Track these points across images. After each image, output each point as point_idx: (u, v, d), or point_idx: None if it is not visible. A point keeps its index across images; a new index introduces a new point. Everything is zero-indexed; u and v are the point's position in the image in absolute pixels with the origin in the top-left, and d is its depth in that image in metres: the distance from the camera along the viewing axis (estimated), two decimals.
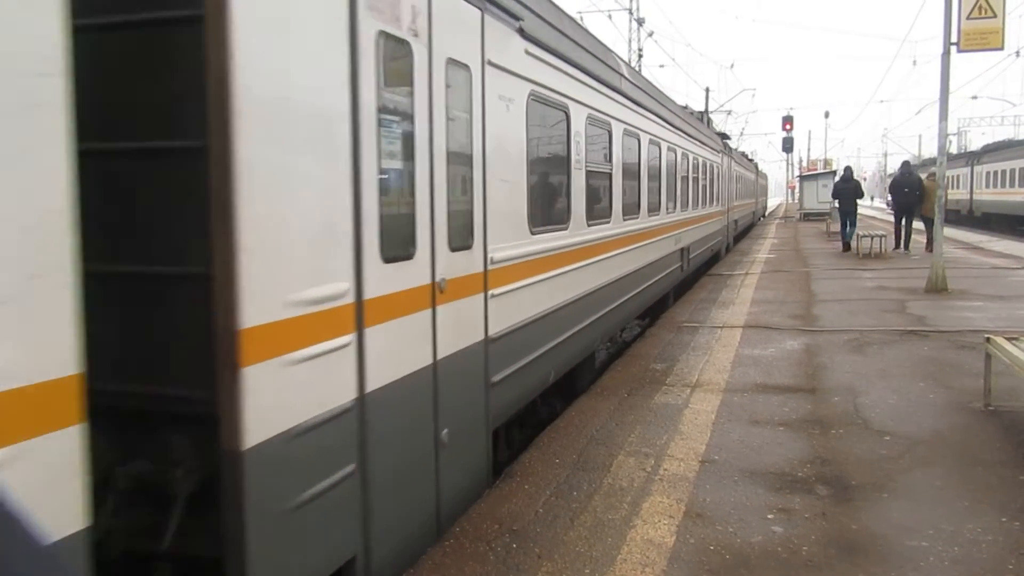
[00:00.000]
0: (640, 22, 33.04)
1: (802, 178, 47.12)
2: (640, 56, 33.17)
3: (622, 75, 8.76)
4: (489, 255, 4.70)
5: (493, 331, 4.78)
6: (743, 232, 32.09)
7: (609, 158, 7.97)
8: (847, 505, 4.56)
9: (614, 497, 4.75)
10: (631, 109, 8.97)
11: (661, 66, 54.59)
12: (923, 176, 19.99)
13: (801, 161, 73.97)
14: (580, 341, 6.94)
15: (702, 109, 37.47)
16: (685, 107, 18.48)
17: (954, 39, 12.14)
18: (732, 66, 66.10)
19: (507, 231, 5.06)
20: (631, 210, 9.03)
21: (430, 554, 4.10)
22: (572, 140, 6.56)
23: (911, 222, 19.95)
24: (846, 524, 4.31)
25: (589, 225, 7.08)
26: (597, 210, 7.51)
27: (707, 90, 38.61)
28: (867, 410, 6.40)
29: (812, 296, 13.12)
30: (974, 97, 60.54)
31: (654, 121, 10.57)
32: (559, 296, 6.21)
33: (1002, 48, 12.33)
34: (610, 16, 31.20)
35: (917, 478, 4.96)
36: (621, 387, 7.38)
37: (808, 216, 40.27)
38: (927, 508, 4.49)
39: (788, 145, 52.44)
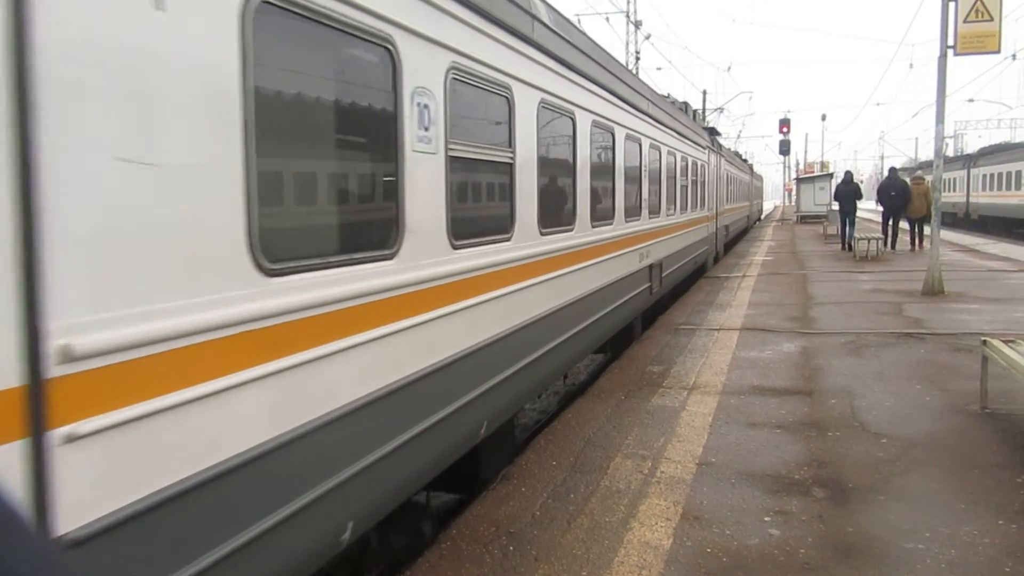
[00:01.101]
0: (637, 25, 33.11)
1: (799, 181, 47.26)
2: (638, 59, 33.22)
3: (536, 18, 5.59)
4: (59, 340, 2.00)
5: (81, 522, 2.07)
6: (736, 238, 29.50)
7: (510, 142, 5.19)
8: (844, 508, 4.57)
9: (611, 500, 4.74)
10: (558, 74, 6.10)
11: (659, 68, 54.96)
12: (907, 180, 21.32)
13: (798, 164, 74.23)
14: (437, 443, 4.03)
15: (698, 109, 37.48)
16: (667, 96, 15.56)
17: (951, 42, 12.16)
18: (729, 69, 66.41)
19: (163, 274, 2.33)
20: (558, 220, 6.26)
21: (427, 556, 4.10)
22: (407, 103, 3.71)
23: (897, 223, 21.11)
24: (843, 527, 4.31)
25: (459, 247, 4.29)
26: (478, 224, 4.86)
27: (704, 92, 38.69)
28: (864, 413, 6.40)
29: (809, 298, 13.13)
30: (971, 100, 60.77)
31: (604, 98, 7.66)
32: (368, 382, 3.32)
33: (999, 51, 12.37)
34: (607, 19, 31.27)
35: (914, 480, 4.96)
36: (618, 389, 7.38)
37: (805, 219, 40.40)
38: (924, 511, 4.49)
39: (785, 148, 52.74)
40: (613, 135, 8.14)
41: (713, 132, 22.16)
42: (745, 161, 44.30)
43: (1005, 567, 3.82)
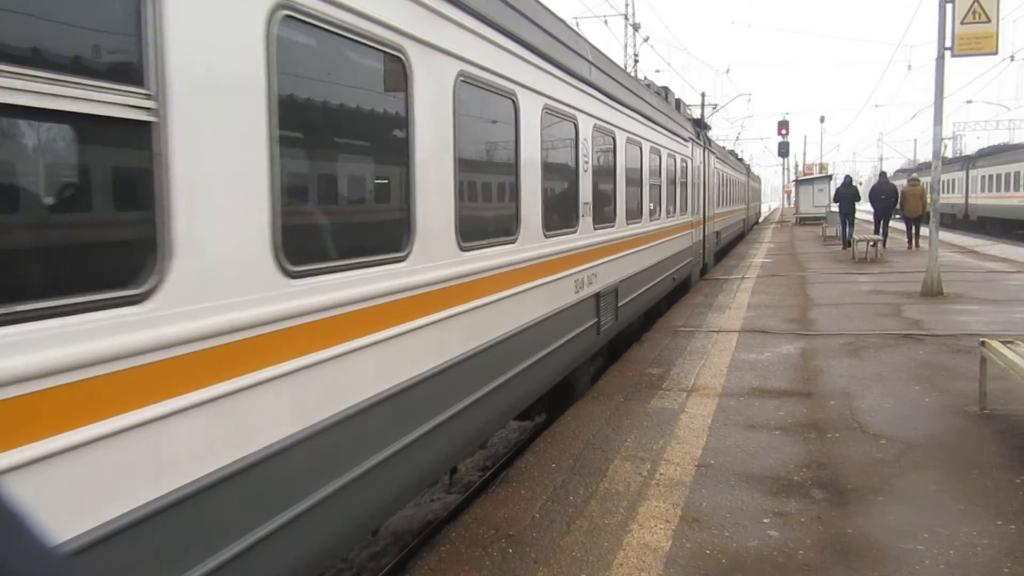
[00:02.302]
0: (636, 27, 33.14)
1: (798, 183, 47.29)
2: (636, 61, 33.25)
3: None
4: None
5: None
6: (730, 245, 26.80)
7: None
8: (843, 509, 4.57)
9: (610, 502, 4.75)
10: None
11: (657, 71, 54.78)
12: (904, 182, 23.72)
13: (797, 166, 74.31)
14: None
15: (684, 101, 37.35)
16: (645, 81, 13.26)
17: (948, 44, 12.19)
18: (728, 71, 66.41)
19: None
20: (370, 244, 3.71)
21: (425, 559, 4.10)
22: None
23: (888, 223, 22.90)
24: (842, 528, 4.31)
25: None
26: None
27: (703, 95, 38.68)
28: (863, 414, 6.41)
29: (808, 300, 13.14)
30: (969, 101, 60.76)
31: (499, 46, 5.03)
32: None
33: (996, 53, 12.39)
34: (606, 22, 31.30)
35: (913, 482, 4.96)
36: (617, 392, 7.38)
37: (804, 220, 40.41)
38: (923, 512, 4.50)
39: (784, 150, 52.79)
40: (516, 106, 5.43)
41: (700, 125, 19.54)
42: (741, 160, 42.16)
43: (1004, 567, 3.82)
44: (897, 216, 23.81)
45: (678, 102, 16.65)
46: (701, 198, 16.78)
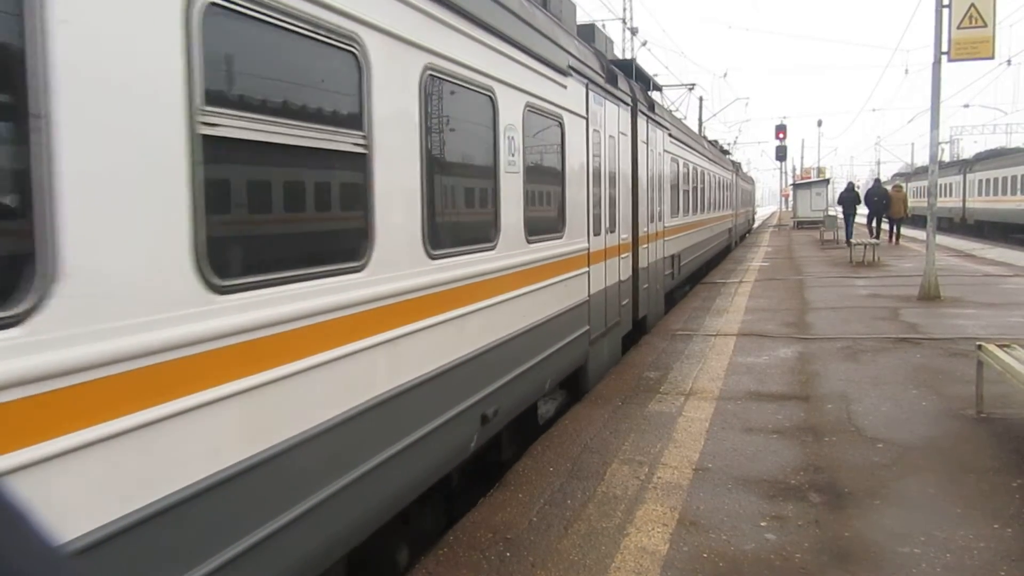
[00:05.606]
0: (634, 32, 33.23)
1: (795, 186, 47.30)
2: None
3: None
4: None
5: None
6: (708, 264, 20.33)
7: None
8: (840, 512, 4.58)
9: (608, 505, 4.75)
10: None
11: (655, 75, 54.59)
12: (889, 187, 27.91)
13: (795, 169, 74.40)
14: None
15: (693, 115, 37.09)
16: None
17: (945, 48, 12.23)
18: (725, 75, 66.41)
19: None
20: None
21: (424, 563, 4.11)
22: None
23: (880, 222, 27.05)
24: (839, 531, 4.32)
25: None
26: None
27: (700, 99, 38.76)
28: (860, 417, 6.42)
29: (806, 304, 13.16)
30: (966, 105, 60.96)
31: None
32: None
33: (993, 57, 12.44)
34: (604, 26, 31.35)
35: (910, 485, 4.97)
36: (615, 396, 7.39)
37: (802, 224, 40.44)
38: (920, 515, 4.51)
39: (781, 153, 52.94)
40: None
41: (634, 75, 11.56)
42: (726, 152, 33.68)
43: (1000, 571, 3.83)
44: (885, 217, 26.69)
45: (587, 30, 9.70)
46: (627, 200, 9.56)
